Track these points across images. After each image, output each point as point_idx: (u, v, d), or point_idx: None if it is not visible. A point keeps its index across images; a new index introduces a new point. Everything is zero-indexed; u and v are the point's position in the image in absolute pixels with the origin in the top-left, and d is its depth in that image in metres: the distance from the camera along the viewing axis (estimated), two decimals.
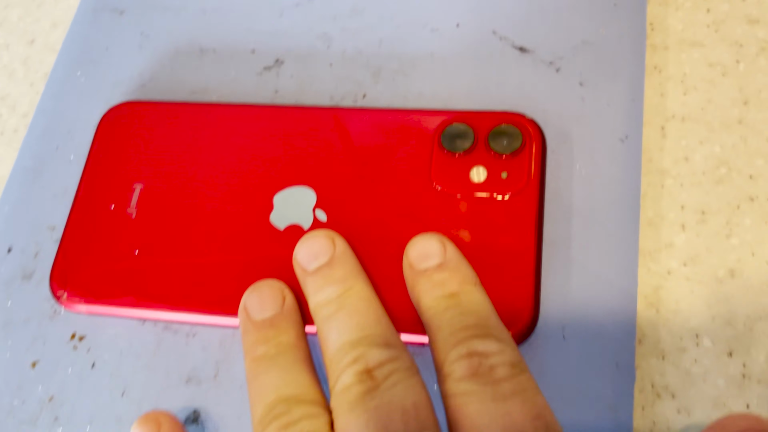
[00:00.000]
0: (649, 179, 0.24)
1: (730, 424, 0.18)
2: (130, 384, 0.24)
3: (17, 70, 0.31)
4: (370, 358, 0.20)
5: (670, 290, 0.23)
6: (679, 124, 0.25)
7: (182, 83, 0.28)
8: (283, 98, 0.27)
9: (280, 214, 0.24)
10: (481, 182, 0.23)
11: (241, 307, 0.22)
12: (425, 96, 0.26)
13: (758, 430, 0.18)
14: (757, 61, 0.25)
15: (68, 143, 0.28)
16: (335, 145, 0.25)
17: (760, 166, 0.24)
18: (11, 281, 0.26)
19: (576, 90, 0.25)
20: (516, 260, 0.22)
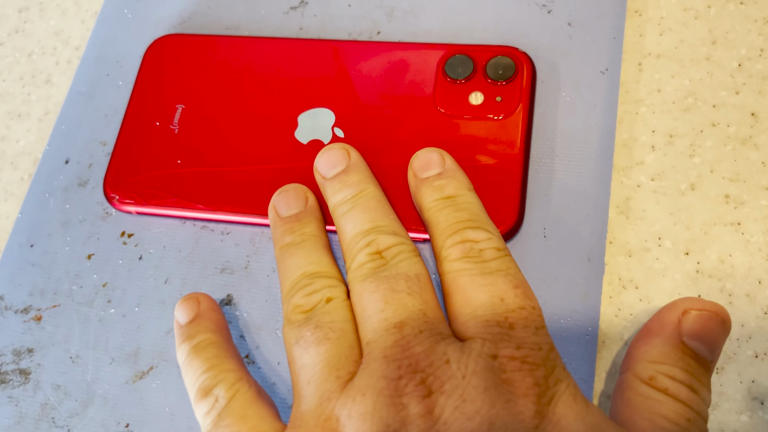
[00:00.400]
0: (626, 107, 0.28)
1: (677, 305, 0.22)
2: (172, 273, 0.28)
3: (69, 9, 0.34)
4: (380, 242, 0.24)
5: (638, 200, 0.26)
6: (654, 60, 0.28)
7: (217, 20, 0.32)
8: (307, 34, 0.31)
9: (303, 131, 0.28)
10: (479, 105, 0.27)
11: (270, 206, 0.26)
12: (432, 33, 0.30)
13: (698, 308, 0.21)
14: (726, 6, 0.29)
15: (117, 71, 0.32)
16: (352, 73, 0.28)
17: (723, 97, 0.27)
18: (69, 187, 0.30)
19: (564, 29, 0.29)
20: (506, 170, 0.26)
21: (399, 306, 0.21)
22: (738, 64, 0.28)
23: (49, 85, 0.33)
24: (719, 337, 0.20)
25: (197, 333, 0.24)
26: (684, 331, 0.20)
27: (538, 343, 0.20)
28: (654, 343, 0.20)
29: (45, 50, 0.34)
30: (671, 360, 0.20)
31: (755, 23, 0.28)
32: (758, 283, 0.24)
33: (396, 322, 0.21)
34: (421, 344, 0.20)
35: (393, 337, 0.20)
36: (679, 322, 0.20)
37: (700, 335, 0.20)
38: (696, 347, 0.20)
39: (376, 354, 0.20)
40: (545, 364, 0.20)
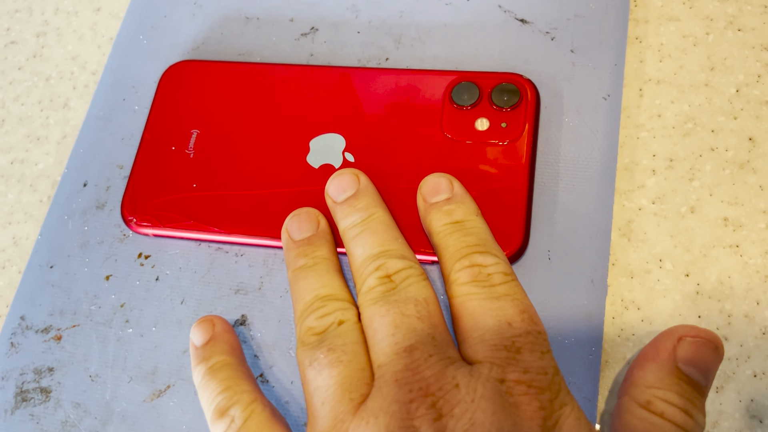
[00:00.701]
0: (627, 132, 0.28)
1: (673, 332, 0.22)
2: (188, 294, 0.28)
3: (86, 35, 0.35)
4: (390, 266, 0.24)
5: (640, 223, 0.27)
6: (655, 86, 0.29)
7: (230, 47, 0.33)
8: (317, 60, 0.32)
9: (315, 156, 0.29)
10: (484, 131, 0.28)
11: (283, 230, 0.27)
12: (439, 59, 0.31)
13: (692, 335, 0.22)
14: (724, 33, 0.30)
15: (133, 96, 0.33)
16: (362, 99, 0.29)
17: (721, 122, 0.28)
18: (87, 210, 0.31)
19: (567, 56, 0.30)
20: (511, 195, 0.27)
21: (409, 330, 0.22)
22: (736, 89, 0.28)
23: (67, 109, 0.34)
24: (713, 363, 0.21)
25: (212, 355, 0.24)
26: (679, 357, 0.21)
27: (544, 367, 0.21)
28: (650, 369, 0.21)
29: (62, 75, 0.35)
30: (667, 385, 0.21)
31: (753, 50, 0.29)
32: (756, 304, 0.25)
33: (406, 346, 0.22)
34: (431, 368, 0.21)
35: (404, 361, 0.21)
36: (675, 348, 0.21)
37: (695, 361, 0.21)
38: (690, 373, 0.21)
39: (388, 377, 0.21)
40: (550, 388, 0.20)
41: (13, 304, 0.30)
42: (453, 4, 0.32)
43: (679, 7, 0.30)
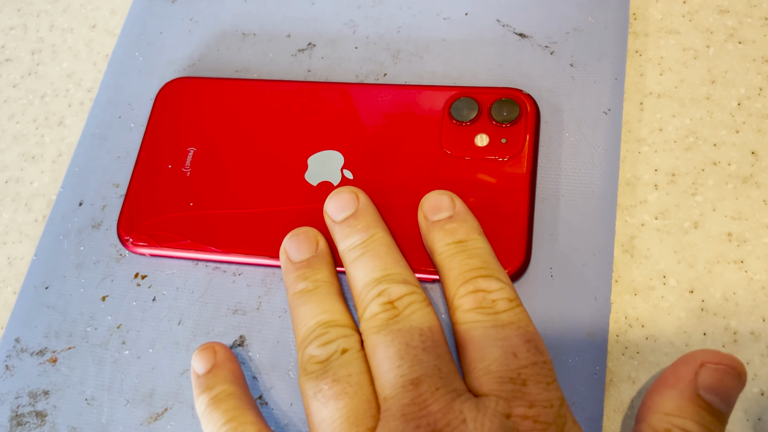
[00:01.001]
0: (628, 146, 0.28)
1: (695, 357, 0.22)
2: (185, 314, 0.28)
3: (81, 51, 0.35)
4: (392, 291, 0.24)
5: (642, 239, 0.27)
6: (656, 100, 0.29)
7: (226, 63, 0.32)
8: (315, 76, 0.31)
9: (313, 173, 0.28)
10: (484, 147, 0.28)
11: (281, 250, 0.27)
12: (438, 75, 0.30)
13: (715, 361, 0.21)
14: (725, 46, 0.29)
15: (129, 113, 0.32)
16: (360, 116, 0.29)
17: (723, 136, 0.28)
18: (83, 230, 0.30)
19: (567, 70, 0.29)
20: (512, 211, 0.26)
21: (415, 362, 0.21)
22: (737, 103, 0.28)
23: (62, 127, 0.34)
24: (735, 390, 0.21)
25: (215, 384, 0.24)
26: (700, 384, 0.21)
27: (550, 399, 0.20)
28: (670, 395, 0.21)
29: (58, 92, 0.34)
30: (687, 413, 0.20)
31: (754, 62, 0.29)
32: (762, 321, 0.25)
33: (412, 378, 0.21)
34: (437, 402, 0.20)
35: (410, 395, 0.21)
36: (696, 375, 0.21)
37: (717, 389, 0.20)
38: (712, 400, 0.20)
39: (395, 411, 0.21)
40: (556, 422, 0.20)
41: (8, 326, 0.29)
42: (451, 18, 0.31)
43: (679, 20, 0.30)
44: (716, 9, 0.30)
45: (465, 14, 0.31)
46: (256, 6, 0.34)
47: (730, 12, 0.30)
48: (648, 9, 0.31)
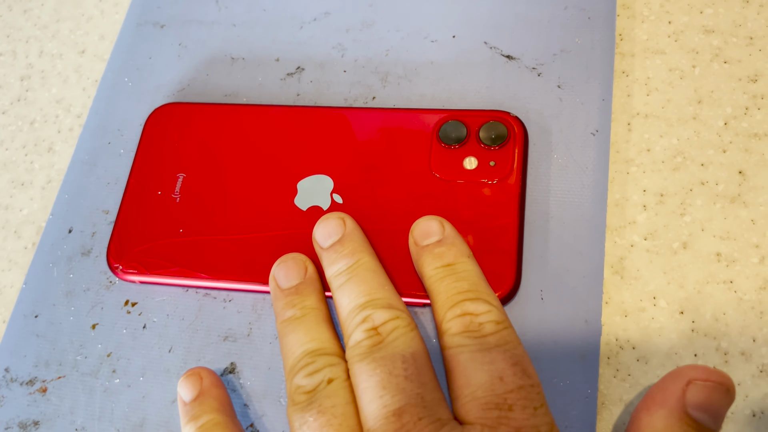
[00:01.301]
0: (616, 167, 0.28)
1: (682, 373, 0.22)
2: (176, 342, 0.28)
3: (70, 77, 0.35)
4: (376, 317, 0.24)
5: (632, 260, 0.27)
6: (643, 120, 0.29)
7: (216, 88, 0.32)
8: (304, 100, 0.31)
9: (303, 198, 0.28)
10: (473, 170, 0.28)
11: (270, 277, 0.27)
12: (426, 97, 0.31)
13: (702, 378, 0.21)
14: (710, 66, 0.30)
15: (118, 139, 0.32)
16: (350, 140, 0.29)
17: (711, 155, 0.28)
18: (72, 257, 0.30)
19: (555, 91, 0.29)
20: (502, 234, 0.26)
21: (397, 391, 0.21)
22: (724, 122, 0.28)
23: (52, 153, 0.33)
24: (724, 406, 0.21)
25: (202, 413, 0.24)
26: (689, 402, 0.21)
27: (537, 425, 0.20)
28: (659, 415, 0.21)
29: (47, 118, 0.34)
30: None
31: (739, 82, 0.29)
32: (753, 341, 0.25)
33: (395, 409, 0.21)
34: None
35: (393, 426, 0.21)
36: (684, 392, 0.21)
37: (705, 406, 0.20)
38: (701, 418, 0.20)
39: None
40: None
41: None
42: (439, 41, 0.32)
43: (665, 41, 0.30)
44: (701, 29, 0.30)
45: (453, 37, 0.32)
46: (245, 30, 0.34)
47: (715, 32, 0.30)
48: (634, 30, 0.31)
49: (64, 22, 0.37)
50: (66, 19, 0.37)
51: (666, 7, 0.31)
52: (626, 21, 0.31)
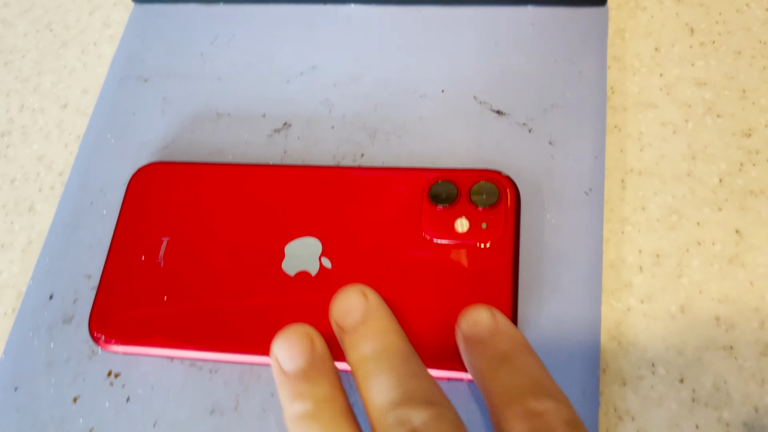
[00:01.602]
0: (611, 226, 0.28)
1: None
2: (160, 416, 0.27)
3: (52, 133, 0.34)
4: (415, 418, 0.20)
5: (629, 325, 0.26)
6: (637, 177, 0.28)
7: (201, 145, 0.32)
8: (291, 158, 0.31)
9: (290, 262, 0.28)
10: (465, 232, 0.27)
11: (272, 356, 0.24)
12: (416, 154, 0.30)
13: None
14: (703, 120, 0.29)
15: (101, 199, 0.31)
16: (338, 200, 0.28)
17: (706, 214, 0.27)
18: (53, 325, 0.29)
19: (546, 148, 0.29)
20: (495, 299, 0.26)
21: None
22: (719, 179, 0.28)
23: (33, 213, 0.33)
24: None
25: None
26: None
27: None
28: None
29: (28, 176, 0.34)
30: None
31: (733, 137, 0.29)
32: (755, 412, 0.24)
33: None
34: None
35: None
36: None
37: None
38: None
39: None
40: None
41: None
42: (427, 96, 0.31)
43: (656, 94, 0.30)
44: (693, 81, 0.30)
45: (441, 91, 0.31)
46: (230, 85, 0.33)
47: (707, 84, 0.30)
48: (625, 83, 0.30)
49: (46, 74, 0.36)
50: (48, 72, 0.36)
51: (657, 59, 0.31)
52: (617, 73, 0.31)
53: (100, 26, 0.37)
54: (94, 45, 0.36)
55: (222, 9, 0.35)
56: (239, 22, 0.34)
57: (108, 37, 0.36)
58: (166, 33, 0.35)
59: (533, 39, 0.31)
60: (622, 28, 0.32)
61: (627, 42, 0.31)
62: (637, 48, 0.31)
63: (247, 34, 0.34)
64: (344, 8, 0.34)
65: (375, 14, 0.33)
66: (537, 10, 0.32)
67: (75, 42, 0.37)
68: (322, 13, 0.34)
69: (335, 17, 0.34)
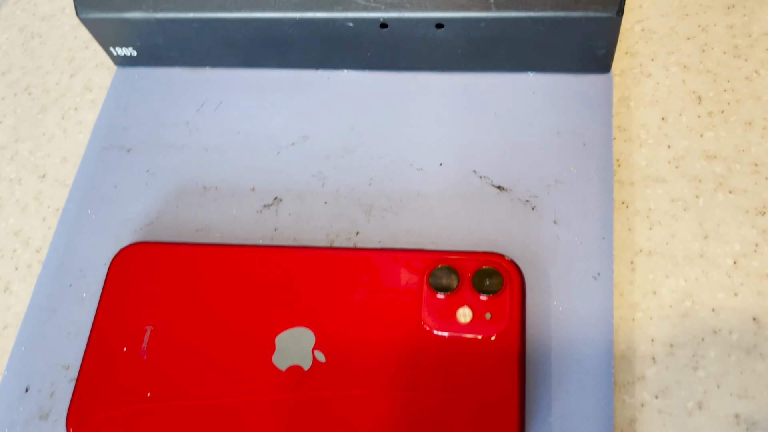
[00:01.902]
0: (621, 312, 0.26)
1: None
2: None
3: (29, 205, 0.33)
4: None
5: (643, 422, 0.24)
6: (647, 258, 0.27)
7: (187, 221, 0.30)
8: (282, 235, 0.29)
9: (281, 356, 0.26)
10: (467, 324, 0.25)
11: None
12: (413, 233, 0.28)
13: None
14: (714, 197, 0.28)
15: (80, 281, 0.30)
16: (331, 286, 0.27)
17: (721, 299, 0.26)
18: (29, 421, 0.27)
19: (551, 228, 0.27)
20: (501, 396, 0.24)
21: None
22: (733, 261, 0.26)
23: (8, 294, 0.31)
24: None
25: None
26: None
27: None
28: None
29: (4, 253, 0.32)
30: None
31: (747, 214, 0.27)
32: None
33: None
34: None
35: None
36: None
37: None
38: None
39: None
40: None
41: None
42: (424, 169, 0.30)
43: (665, 167, 0.29)
44: (702, 154, 0.29)
45: (439, 164, 0.30)
46: (218, 156, 0.31)
47: (717, 158, 0.28)
48: (632, 155, 0.29)
49: (24, 142, 0.34)
50: (26, 139, 0.35)
51: (664, 129, 0.29)
52: (623, 145, 0.29)
53: (81, 90, 0.35)
54: (75, 110, 0.35)
55: (209, 73, 0.34)
56: (227, 87, 0.33)
57: (89, 101, 0.35)
58: (150, 99, 0.33)
59: (534, 108, 0.30)
60: (626, 95, 0.30)
61: (632, 111, 0.30)
62: (643, 117, 0.30)
63: (236, 100, 0.33)
64: (337, 74, 0.32)
65: (369, 80, 0.32)
66: (538, 77, 0.31)
67: (54, 107, 0.35)
68: (313, 78, 0.33)
69: (327, 83, 0.32)
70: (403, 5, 0.28)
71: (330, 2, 0.29)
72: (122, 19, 0.31)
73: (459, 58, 0.30)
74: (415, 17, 0.29)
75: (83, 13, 0.31)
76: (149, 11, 0.31)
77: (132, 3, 0.31)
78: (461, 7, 0.28)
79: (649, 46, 0.31)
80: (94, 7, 0.31)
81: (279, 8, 0.29)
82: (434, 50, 0.30)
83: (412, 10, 0.28)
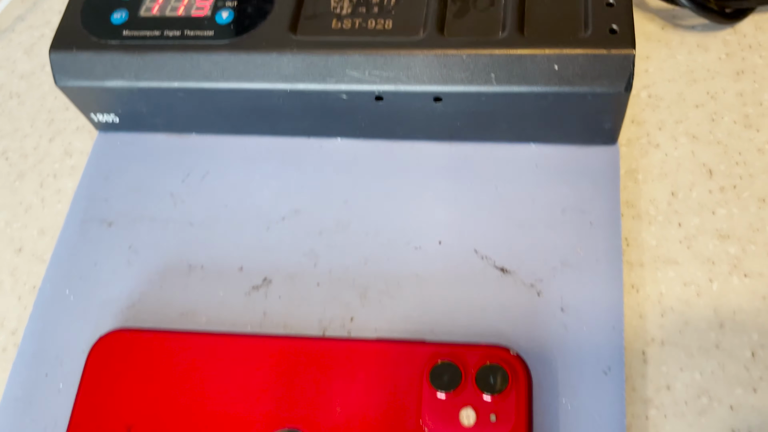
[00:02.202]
0: (633, 409, 0.25)
1: None
2: None
3: (5, 282, 0.31)
4: None
5: None
6: (659, 349, 0.25)
7: (171, 304, 0.28)
8: (272, 321, 0.28)
9: None
10: (471, 426, 0.24)
11: None
12: (412, 319, 0.27)
13: None
14: (729, 281, 0.26)
15: (57, 370, 0.28)
16: (325, 382, 0.25)
17: (740, 396, 0.24)
18: None
19: (557, 316, 0.26)
20: None
21: None
22: (751, 352, 0.25)
23: None
24: None
25: None
26: None
27: None
28: None
29: None
30: None
31: (764, 301, 0.26)
32: None
33: None
34: None
35: None
36: None
37: None
38: None
39: None
40: None
41: None
42: (423, 248, 0.28)
43: (676, 247, 0.27)
44: (715, 233, 0.27)
45: (439, 243, 0.28)
46: (204, 231, 0.30)
47: (731, 237, 0.27)
48: (641, 233, 0.28)
49: (0, 211, 0.33)
50: (2, 209, 0.33)
51: (674, 205, 0.28)
52: (632, 222, 0.28)
53: (60, 155, 0.34)
54: (54, 177, 0.33)
55: (195, 140, 0.32)
56: (214, 156, 0.31)
57: (69, 168, 0.33)
58: (133, 167, 0.32)
59: (537, 183, 0.29)
60: (634, 168, 0.29)
61: (640, 185, 0.28)
62: (651, 192, 0.28)
63: (223, 170, 0.31)
64: (330, 142, 0.31)
65: (363, 149, 0.30)
66: (540, 149, 0.29)
67: (33, 173, 0.33)
68: (305, 147, 0.31)
69: (320, 152, 0.31)
70: (399, 78, 0.27)
71: (322, 74, 0.27)
72: (103, 88, 0.30)
73: (458, 128, 0.29)
74: (411, 91, 0.27)
75: (62, 81, 0.30)
76: (131, 80, 0.29)
77: (113, 71, 0.29)
78: (460, 81, 0.26)
79: (656, 115, 0.30)
80: (73, 76, 0.30)
81: (268, 79, 0.28)
82: (432, 121, 0.29)
83: (408, 83, 0.27)
